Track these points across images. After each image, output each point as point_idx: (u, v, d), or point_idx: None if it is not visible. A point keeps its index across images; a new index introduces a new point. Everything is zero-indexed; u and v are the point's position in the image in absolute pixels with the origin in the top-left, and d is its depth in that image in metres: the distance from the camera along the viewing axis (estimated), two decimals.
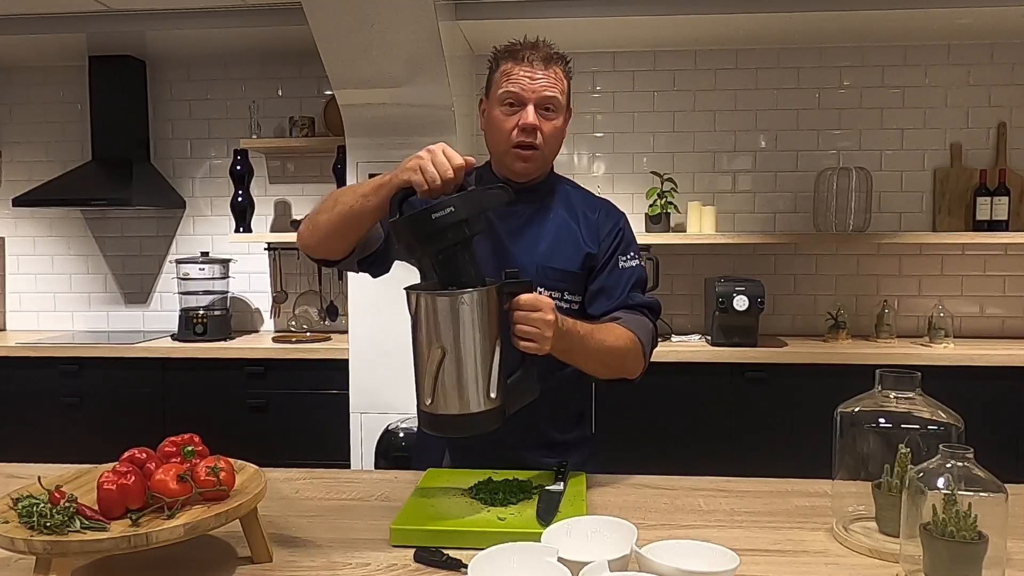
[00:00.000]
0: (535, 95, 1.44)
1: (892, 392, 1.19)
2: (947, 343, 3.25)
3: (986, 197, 3.36)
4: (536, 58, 1.45)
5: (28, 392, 3.39)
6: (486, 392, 1.19)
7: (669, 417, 3.12)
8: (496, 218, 1.51)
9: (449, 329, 1.16)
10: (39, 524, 0.96)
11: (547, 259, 1.50)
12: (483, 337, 1.18)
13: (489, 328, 1.19)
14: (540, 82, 1.44)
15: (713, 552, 1.03)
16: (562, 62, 1.49)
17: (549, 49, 1.48)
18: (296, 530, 1.24)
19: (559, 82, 1.47)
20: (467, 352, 1.17)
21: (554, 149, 1.51)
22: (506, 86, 1.45)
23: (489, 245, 1.51)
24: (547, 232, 1.52)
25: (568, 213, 1.55)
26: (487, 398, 1.19)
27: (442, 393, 1.18)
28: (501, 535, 1.10)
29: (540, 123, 1.45)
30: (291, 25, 3.18)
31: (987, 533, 0.95)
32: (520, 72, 1.44)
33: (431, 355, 1.17)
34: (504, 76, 1.47)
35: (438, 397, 1.18)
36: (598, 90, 3.63)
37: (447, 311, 1.16)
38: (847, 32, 3.36)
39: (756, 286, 3.20)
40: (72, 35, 3.39)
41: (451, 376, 1.17)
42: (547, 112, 1.46)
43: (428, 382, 1.18)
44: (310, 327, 3.75)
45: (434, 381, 1.17)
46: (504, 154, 1.50)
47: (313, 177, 3.77)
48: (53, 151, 3.88)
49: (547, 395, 1.51)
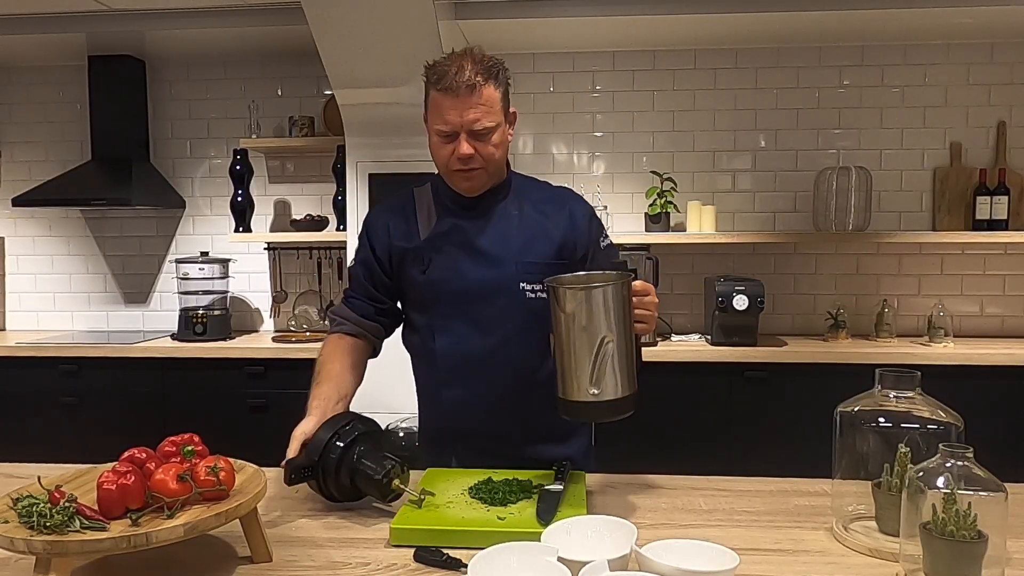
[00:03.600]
0: (464, 127, 1.44)
1: (892, 392, 1.20)
2: (947, 343, 3.25)
3: (986, 196, 3.36)
4: (462, 86, 1.41)
5: (28, 392, 3.39)
6: (635, 374, 1.28)
7: (669, 416, 3.12)
8: (465, 223, 1.55)
9: (613, 316, 1.23)
10: (39, 524, 0.96)
11: (523, 255, 1.53)
12: (629, 323, 1.27)
13: (631, 314, 1.28)
14: (469, 113, 1.43)
15: (713, 552, 1.03)
16: (492, 77, 1.45)
17: (477, 67, 1.43)
18: (296, 530, 1.25)
19: (490, 105, 1.44)
20: (624, 337, 1.24)
21: (499, 161, 1.52)
22: (436, 120, 1.46)
23: (464, 251, 1.54)
24: (517, 229, 1.55)
25: (533, 208, 1.58)
26: (630, 376, 1.27)
27: (610, 379, 1.24)
28: (501, 535, 1.10)
29: (475, 148, 1.45)
30: (291, 25, 3.18)
31: (987, 532, 0.95)
32: (447, 104, 1.43)
33: (597, 343, 1.22)
34: (434, 106, 1.46)
35: (605, 384, 1.24)
36: (598, 90, 3.63)
37: (614, 299, 1.23)
38: (847, 32, 3.35)
39: (756, 285, 3.20)
40: (72, 35, 3.39)
41: (615, 361, 1.23)
42: (481, 136, 1.45)
43: (593, 370, 1.23)
44: (310, 327, 3.75)
45: (600, 368, 1.23)
46: (448, 176, 1.53)
47: (313, 177, 3.77)
48: (53, 151, 3.87)
49: (543, 384, 1.53)
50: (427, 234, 1.57)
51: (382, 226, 1.61)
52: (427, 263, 1.56)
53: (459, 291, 1.54)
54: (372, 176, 3.20)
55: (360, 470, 1.29)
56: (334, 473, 1.29)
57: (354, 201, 3.24)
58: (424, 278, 1.56)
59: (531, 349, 1.54)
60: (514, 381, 1.56)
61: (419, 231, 1.58)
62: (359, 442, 1.32)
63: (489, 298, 1.53)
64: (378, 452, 1.32)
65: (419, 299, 1.60)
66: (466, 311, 1.54)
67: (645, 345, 3.23)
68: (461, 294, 1.54)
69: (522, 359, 1.55)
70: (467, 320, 1.55)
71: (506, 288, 1.53)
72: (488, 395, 1.56)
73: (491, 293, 1.53)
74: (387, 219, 1.61)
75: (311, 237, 3.55)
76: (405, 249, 1.58)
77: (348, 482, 1.30)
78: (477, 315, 1.54)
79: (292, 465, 1.29)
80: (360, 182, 3.22)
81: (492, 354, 1.54)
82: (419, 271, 1.56)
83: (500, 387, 1.56)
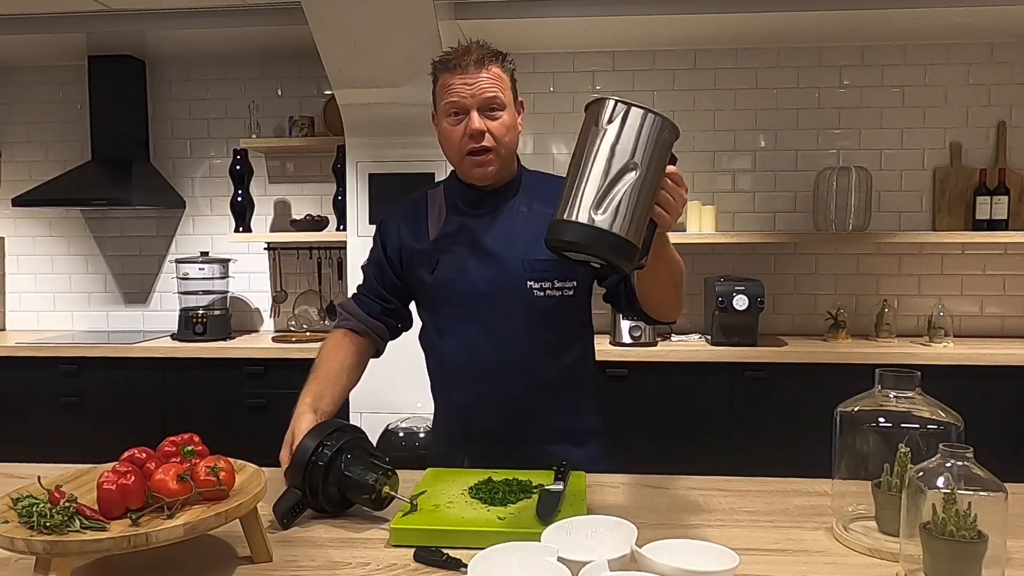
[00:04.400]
0: (475, 99, 1.45)
1: (892, 391, 1.19)
2: (947, 342, 3.25)
3: (986, 196, 3.36)
4: (469, 62, 1.44)
5: (28, 392, 3.38)
6: (641, 226, 1.12)
7: (669, 416, 3.12)
8: (472, 223, 1.54)
9: (647, 151, 1.09)
10: (39, 524, 0.96)
11: (529, 252, 1.51)
12: (659, 174, 1.12)
13: (662, 170, 1.13)
14: (478, 85, 1.44)
15: (713, 552, 1.03)
16: (499, 59, 1.49)
17: (483, 49, 1.47)
18: (296, 530, 1.24)
19: (498, 80, 1.47)
20: (648, 182, 1.10)
21: (509, 145, 1.51)
22: (447, 97, 1.46)
23: (469, 250, 1.53)
24: (524, 226, 1.53)
25: (541, 203, 1.55)
26: (638, 233, 1.11)
27: (618, 211, 1.08)
28: (501, 535, 1.10)
29: (487, 125, 1.46)
30: (291, 25, 3.18)
31: (987, 532, 0.95)
32: (457, 81, 1.45)
33: (619, 167, 1.08)
34: (444, 89, 1.47)
35: (610, 213, 1.08)
36: (598, 90, 3.63)
37: (656, 134, 1.09)
38: (847, 32, 3.35)
39: (756, 285, 3.20)
40: (72, 35, 3.39)
41: (629, 197, 1.08)
42: (492, 112, 1.46)
43: (604, 192, 1.08)
44: (310, 327, 3.75)
45: (612, 193, 1.08)
46: (460, 164, 1.52)
47: (313, 177, 3.77)
48: (53, 151, 3.88)
49: (552, 383, 1.54)
50: (435, 234, 1.57)
51: (394, 227, 1.62)
52: (435, 264, 1.55)
53: (466, 292, 1.53)
54: (372, 176, 3.20)
55: (347, 482, 1.26)
56: (322, 488, 1.26)
57: (354, 201, 3.24)
58: (432, 279, 1.56)
59: (541, 349, 1.53)
60: (525, 382, 1.54)
61: (428, 231, 1.58)
62: (344, 451, 1.28)
63: (496, 298, 1.52)
64: (364, 460, 1.29)
65: (428, 300, 1.60)
66: (474, 312, 1.53)
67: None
68: (468, 295, 1.53)
69: (532, 360, 1.54)
70: (475, 321, 1.54)
71: (513, 287, 1.52)
72: (498, 397, 1.55)
73: (498, 292, 1.52)
74: (399, 220, 1.62)
75: (311, 237, 3.55)
76: (415, 250, 1.58)
77: (336, 493, 1.27)
78: (484, 316, 1.53)
79: (280, 511, 1.25)
80: (360, 182, 3.22)
81: (501, 355, 1.53)
82: (427, 272, 1.56)
83: (510, 389, 1.54)
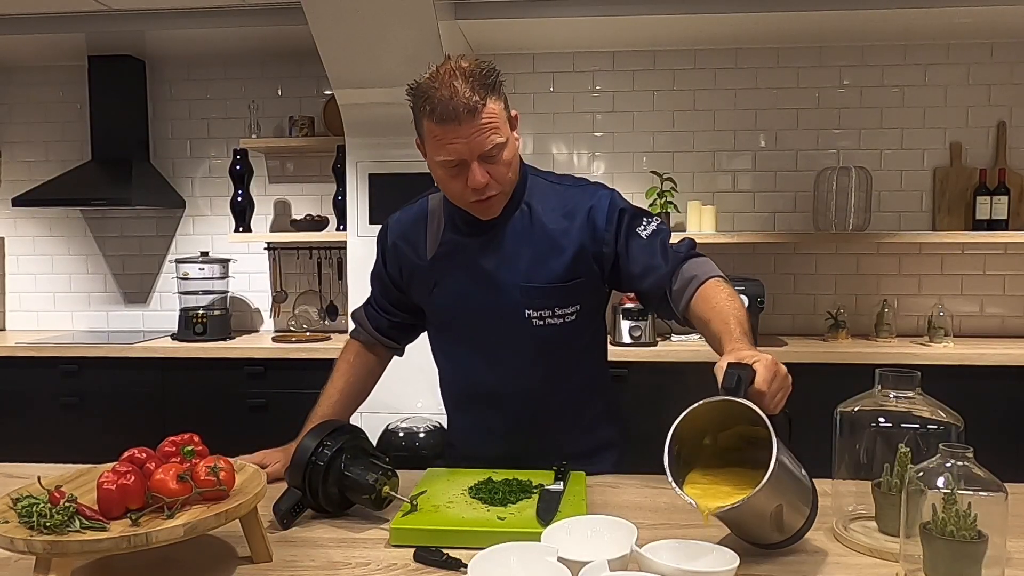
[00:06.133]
0: (474, 153, 1.30)
1: (892, 391, 1.19)
2: (947, 342, 3.25)
3: (986, 196, 3.35)
4: (461, 112, 1.26)
5: (28, 392, 3.38)
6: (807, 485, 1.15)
7: (669, 416, 3.11)
8: (470, 241, 1.45)
9: (772, 493, 1.05)
10: (39, 524, 0.96)
11: (529, 278, 1.43)
12: (792, 477, 1.12)
13: (791, 469, 1.12)
14: (474, 137, 1.28)
15: (713, 552, 1.03)
16: (488, 90, 1.29)
17: (470, 82, 1.27)
18: (296, 530, 1.24)
19: (494, 118, 1.30)
20: (790, 489, 1.11)
21: (513, 179, 1.40)
22: (440, 153, 1.31)
23: (467, 274, 1.46)
24: (525, 247, 1.43)
25: (546, 217, 1.44)
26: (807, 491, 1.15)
27: (790, 521, 1.12)
28: (501, 535, 1.10)
29: (489, 171, 1.33)
30: (291, 25, 3.18)
31: (987, 532, 0.95)
32: (449, 135, 1.28)
33: (768, 516, 1.09)
34: (433, 138, 1.31)
35: (787, 526, 1.12)
36: (598, 90, 3.63)
37: (767, 491, 1.03)
38: (847, 32, 3.35)
39: (756, 285, 3.20)
40: (72, 35, 3.39)
41: (788, 509, 1.11)
42: (492, 157, 1.32)
43: (772, 527, 1.11)
44: (310, 327, 3.75)
45: (777, 522, 1.11)
46: (466, 207, 1.41)
47: (313, 177, 3.77)
48: (53, 151, 3.87)
49: (558, 408, 1.51)
50: (433, 252, 1.49)
51: (392, 241, 1.56)
52: (432, 286, 1.50)
53: (463, 318, 1.49)
54: (372, 176, 3.20)
55: (347, 482, 1.26)
56: (322, 488, 1.26)
57: (354, 201, 3.24)
58: (430, 300, 1.52)
59: (541, 378, 1.49)
60: (527, 410, 1.50)
61: (427, 247, 1.50)
62: (344, 451, 1.28)
63: (495, 327, 1.46)
64: (364, 460, 1.28)
65: (430, 319, 1.58)
66: (473, 340, 1.50)
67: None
68: (465, 321, 1.49)
69: (532, 388, 1.49)
70: (474, 350, 1.50)
71: (510, 315, 1.44)
72: (501, 426, 1.51)
73: (497, 322, 1.45)
74: (398, 234, 1.55)
75: (311, 237, 3.55)
76: (415, 265, 1.52)
77: (336, 493, 1.27)
78: (484, 344, 1.48)
79: (280, 511, 1.25)
80: (360, 182, 3.22)
81: (502, 383, 1.49)
82: (426, 292, 1.52)
83: (512, 418, 1.50)
